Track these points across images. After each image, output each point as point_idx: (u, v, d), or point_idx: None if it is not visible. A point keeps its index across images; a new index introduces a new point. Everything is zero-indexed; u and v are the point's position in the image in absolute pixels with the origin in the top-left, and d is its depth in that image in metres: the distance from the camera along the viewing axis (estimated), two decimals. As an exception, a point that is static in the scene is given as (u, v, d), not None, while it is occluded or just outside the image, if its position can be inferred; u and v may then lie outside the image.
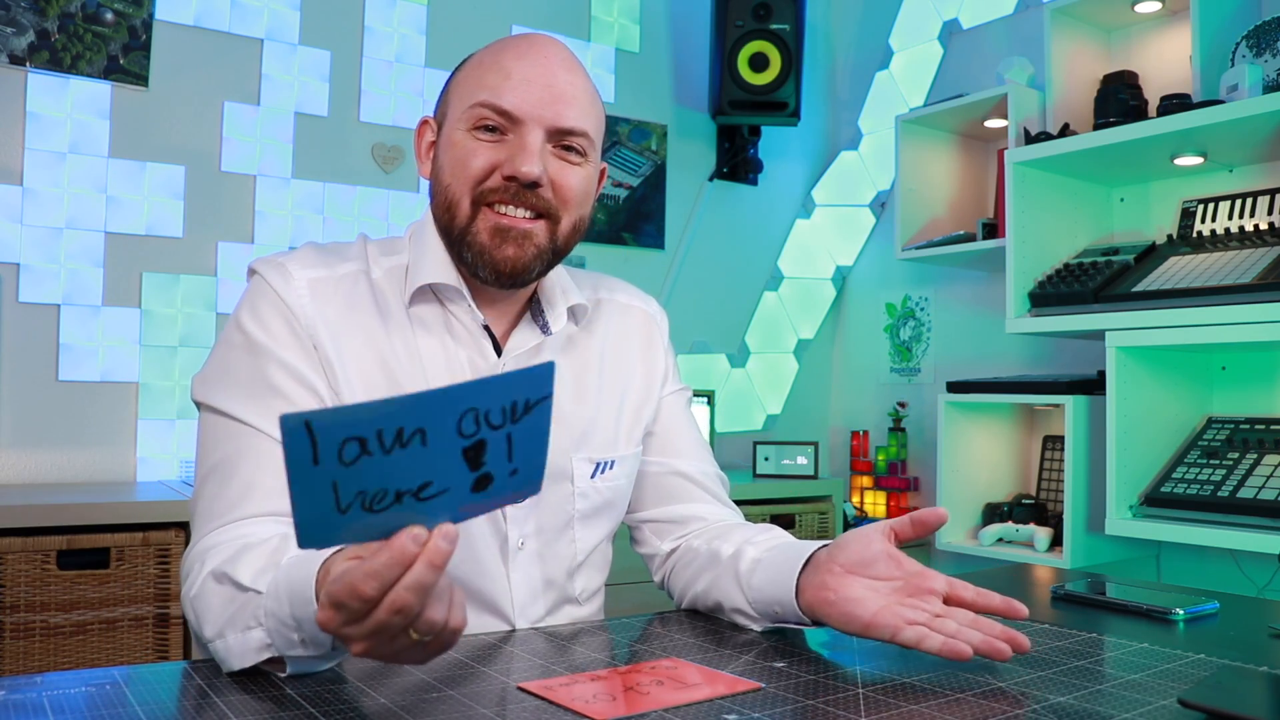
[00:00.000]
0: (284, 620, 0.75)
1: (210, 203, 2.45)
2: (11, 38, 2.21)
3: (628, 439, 1.13)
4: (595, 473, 1.09)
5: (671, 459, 1.18)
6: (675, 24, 3.25)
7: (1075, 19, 2.53)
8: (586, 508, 1.09)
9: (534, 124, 0.98)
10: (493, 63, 1.01)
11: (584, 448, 1.09)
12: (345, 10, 2.65)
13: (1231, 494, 2.00)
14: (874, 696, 0.75)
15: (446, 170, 1.01)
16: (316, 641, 0.75)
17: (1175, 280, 2.13)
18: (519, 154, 0.98)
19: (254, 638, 0.78)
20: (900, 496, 3.18)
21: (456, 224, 1.00)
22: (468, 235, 1.00)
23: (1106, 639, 0.95)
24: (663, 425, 1.19)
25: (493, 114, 0.98)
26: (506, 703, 0.73)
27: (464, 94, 1.01)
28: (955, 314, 3.12)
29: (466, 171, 0.99)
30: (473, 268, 1.01)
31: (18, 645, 1.79)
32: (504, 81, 0.99)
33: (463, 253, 1.01)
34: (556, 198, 1.01)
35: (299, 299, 0.99)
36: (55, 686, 0.74)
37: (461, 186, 1.00)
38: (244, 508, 0.91)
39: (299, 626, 0.75)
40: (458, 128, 1.01)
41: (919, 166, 2.91)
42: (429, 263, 1.03)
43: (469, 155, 0.99)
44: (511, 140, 0.99)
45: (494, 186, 0.99)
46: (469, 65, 1.04)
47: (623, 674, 0.80)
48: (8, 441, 2.21)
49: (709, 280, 3.28)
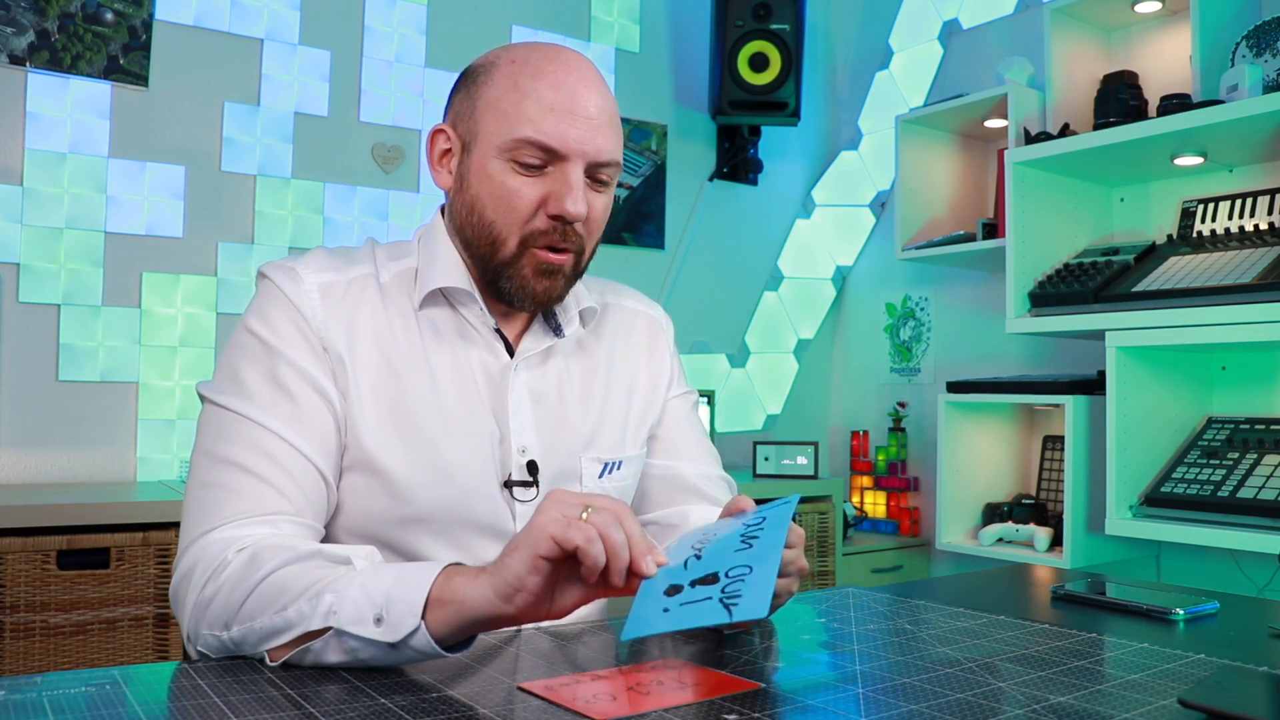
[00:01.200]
0: (371, 595, 0.77)
1: (210, 203, 2.45)
2: (11, 38, 2.21)
3: (633, 440, 1.15)
4: (603, 473, 1.11)
5: (673, 462, 1.19)
6: (675, 24, 3.25)
7: (1075, 19, 2.53)
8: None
9: (578, 160, 0.99)
10: (531, 90, 0.99)
11: (592, 448, 1.10)
12: (345, 10, 2.65)
13: (1231, 494, 2.00)
14: (874, 696, 0.75)
15: (488, 204, 1.01)
16: (395, 626, 0.76)
17: (1175, 280, 2.13)
18: (565, 193, 0.98)
19: (323, 602, 0.78)
20: (900, 496, 3.19)
21: (500, 257, 1.01)
22: (510, 269, 1.01)
23: (1106, 639, 0.95)
24: (666, 429, 1.20)
25: (537, 151, 0.98)
26: (507, 703, 0.73)
27: (500, 121, 0.99)
28: (955, 314, 3.12)
29: (514, 212, 1.00)
30: (509, 297, 1.03)
31: (18, 645, 1.79)
32: (546, 115, 0.98)
33: (500, 282, 1.02)
34: (587, 230, 1.03)
35: (309, 302, 0.99)
36: (55, 686, 0.74)
37: (508, 225, 1.00)
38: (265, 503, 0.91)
39: (386, 605, 0.77)
40: (495, 157, 0.99)
41: (919, 166, 2.91)
42: (440, 266, 1.04)
43: (514, 195, 0.99)
44: (553, 174, 0.99)
45: (542, 229, 1.00)
46: (501, 85, 1.00)
47: (623, 674, 0.80)
48: (8, 441, 2.21)
49: (709, 280, 3.28)
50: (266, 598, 0.82)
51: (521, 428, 1.05)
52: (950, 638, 0.94)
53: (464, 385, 1.03)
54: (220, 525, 0.90)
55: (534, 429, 1.06)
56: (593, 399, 1.12)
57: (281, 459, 0.93)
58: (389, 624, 0.76)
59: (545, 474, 1.05)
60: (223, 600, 0.84)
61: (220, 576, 0.85)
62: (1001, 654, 0.89)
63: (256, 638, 0.81)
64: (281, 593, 0.81)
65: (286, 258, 1.04)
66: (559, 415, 1.08)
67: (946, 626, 0.99)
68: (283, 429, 0.94)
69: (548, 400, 1.07)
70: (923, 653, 0.89)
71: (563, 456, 1.07)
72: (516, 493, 1.04)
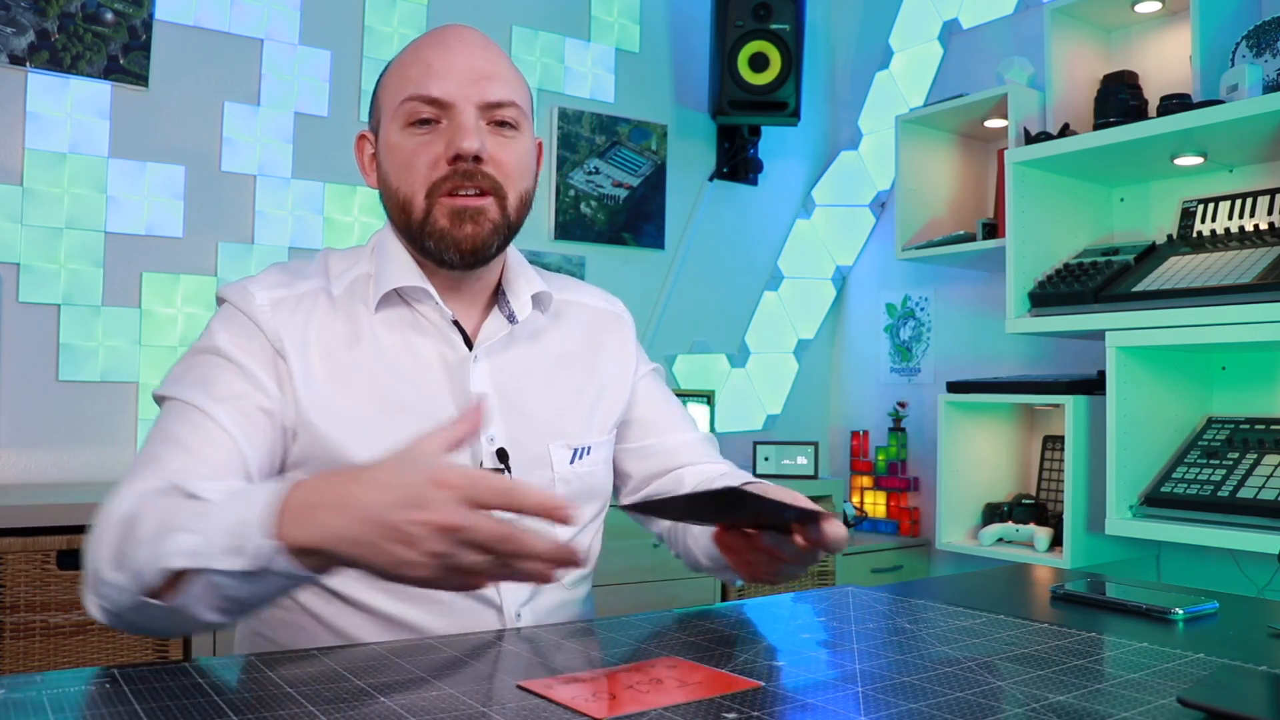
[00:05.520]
0: (226, 525, 0.76)
1: (210, 203, 2.45)
2: (11, 38, 2.21)
3: (600, 428, 1.16)
4: (574, 458, 1.12)
5: (654, 440, 1.22)
6: (675, 24, 3.25)
7: (1075, 19, 2.53)
8: (567, 494, 1.11)
9: (464, 103, 1.02)
10: (413, 59, 1.05)
11: (561, 435, 1.11)
12: (345, 10, 2.65)
13: (1231, 494, 2.00)
14: (874, 696, 0.75)
15: (393, 174, 1.05)
16: (254, 554, 0.75)
17: (1175, 280, 2.13)
18: (456, 134, 1.01)
19: (185, 541, 0.77)
20: (900, 496, 3.18)
21: (414, 219, 1.04)
22: (426, 226, 1.03)
23: (1106, 639, 0.95)
24: (640, 409, 1.22)
25: (423, 105, 1.02)
26: (506, 701, 0.73)
27: (391, 94, 1.05)
28: (955, 314, 3.12)
29: (413, 170, 1.03)
30: (436, 254, 1.04)
31: (18, 645, 1.79)
32: (426, 72, 1.03)
33: (424, 243, 1.04)
34: (499, 173, 1.04)
35: (262, 314, 1.02)
36: (55, 686, 0.74)
37: (412, 184, 1.03)
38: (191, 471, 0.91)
39: (241, 532, 0.75)
40: (393, 129, 1.05)
41: (919, 166, 2.91)
42: (392, 267, 1.06)
43: (411, 155, 1.03)
44: (446, 126, 1.03)
45: (443, 175, 1.02)
46: (390, 69, 1.08)
47: (623, 673, 0.80)
48: (8, 441, 2.21)
49: (709, 280, 3.28)
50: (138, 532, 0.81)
51: (487, 417, 1.05)
52: (950, 637, 0.94)
53: (423, 380, 1.05)
54: (147, 479, 0.90)
55: (499, 417, 1.07)
56: (556, 386, 1.13)
57: (212, 436, 0.94)
58: (248, 553, 0.75)
59: (515, 462, 1.06)
60: (111, 542, 0.84)
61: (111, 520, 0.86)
62: (1001, 653, 0.89)
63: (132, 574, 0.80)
64: (154, 529, 0.80)
65: (242, 279, 1.07)
66: (523, 404, 1.09)
67: (946, 626, 0.99)
68: (217, 413, 0.95)
69: (510, 389, 1.09)
70: (922, 652, 0.89)
71: (530, 444, 1.08)
72: None
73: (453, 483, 0.71)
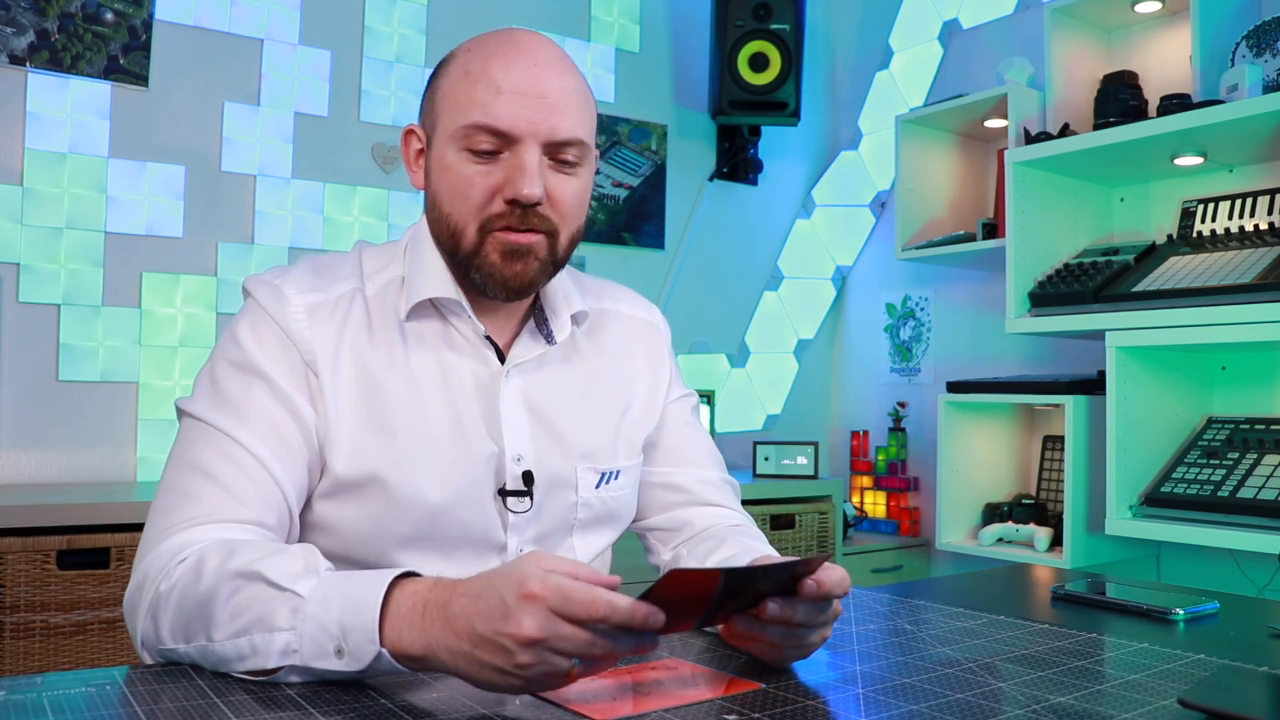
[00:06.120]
0: (326, 627, 0.75)
1: (210, 203, 2.45)
2: (11, 38, 2.21)
3: (628, 450, 1.12)
4: (600, 483, 1.08)
5: (673, 467, 1.17)
6: (675, 24, 3.25)
7: (1075, 19, 2.53)
8: (588, 517, 1.08)
9: (530, 140, 0.96)
10: (481, 73, 0.97)
11: (589, 458, 1.08)
12: (345, 10, 2.65)
13: (1231, 494, 2.00)
14: (874, 696, 0.75)
15: (445, 198, 0.99)
16: (357, 655, 0.74)
17: (1175, 280, 2.13)
18: (518, 176, 0.95)
19: (279, 640, 0.76)
20: (900, 496, 3.19)
21: (463, 249, 0.99)
22: (476, 259, 0.99)
23: (1106, 639, 0.95)
24: (666, 434, 1.18)
25: (488, 136, 0.96)
26: (507, 702, 0.73)
27: (453, 109, 0.98)
28: (955, 314, 3.12)
29: (468, 202, 0.97)
30: (481, 287, 1.00)
31: (18, 645, 1.79)
32: (495, 97, 0.95)
33: (470, 274, 1.00)
34: (555, 213, 0.99)
35: (296, 324, 0.98)
36: (55, 686, 0.74)
37: (464, 215, 0.98)
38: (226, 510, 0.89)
39: (343, 636, 0.74)
40: (449, 146, 0.98)
41: (919, 166, 2.91)
42: (426, 276, 1.02)
43: (467, 184, 0.97)
44: (507, 160, 0.97)
45: (498, 213, 0.97)
46: (455, 72, 1.00)
47: (625, 674, 0.80)
48: (8, 441, 2.21)
49: (709, 280, 3.28)
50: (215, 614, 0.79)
51: (516, 436, 1.02)
52: (950, 638, 0.94)
53: (453, 396, 1.01)
54: (171, 532, 0.88)
55: (529, 437, 1.03)
56: (589, 407, 1.09)
57: (247, 468, 0.91)
58: (351, 654, 0.74)
59: (540, 483, 1.03)
60: (173, 613, 0.82)
61: (169, 587, 0.83)
62: (1001, 654, 0.89)
63: (215, 659, 0.79)
64: (233, 616, 0.78)
65: (272, 272, 1.02)
66: (554, 424, 1.05)
67: (946, 626, 0.99)
68: (252, 442, 0.92)
69: (542, 408, 1.05)
70: (923, 653, 0.89)
71: (558, 465, 1.05)
72: (510, 503, 1.02)
73: (539, 595, 0.69)
